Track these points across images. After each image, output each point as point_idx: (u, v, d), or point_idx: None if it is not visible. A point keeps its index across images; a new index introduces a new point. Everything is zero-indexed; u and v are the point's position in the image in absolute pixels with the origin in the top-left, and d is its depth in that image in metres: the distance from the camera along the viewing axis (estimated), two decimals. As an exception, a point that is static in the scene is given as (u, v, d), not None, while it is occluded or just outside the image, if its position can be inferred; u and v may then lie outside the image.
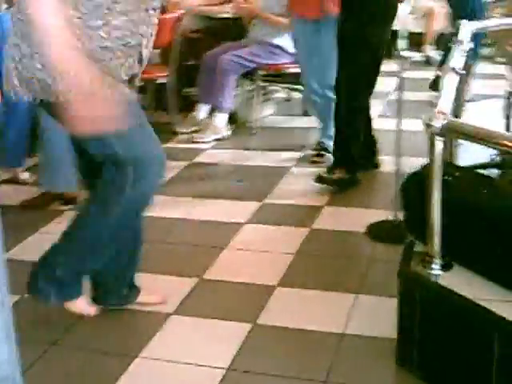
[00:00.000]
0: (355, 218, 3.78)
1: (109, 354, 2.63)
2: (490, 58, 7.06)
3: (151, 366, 2.55)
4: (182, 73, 5.60)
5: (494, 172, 2.86)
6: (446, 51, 5.16)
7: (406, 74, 7.30)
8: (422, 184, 2.45)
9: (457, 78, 2.70)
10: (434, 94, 5.83)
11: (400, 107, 3.57)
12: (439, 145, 2.30)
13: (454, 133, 2.30)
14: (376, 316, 2.83)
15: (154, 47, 5.35)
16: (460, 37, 3.23)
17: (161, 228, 3.72)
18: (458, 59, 2.95)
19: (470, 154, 3.06)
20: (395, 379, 2.50)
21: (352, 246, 3.49)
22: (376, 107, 5.95)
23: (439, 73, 5.67)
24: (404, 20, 7.14)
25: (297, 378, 2.46)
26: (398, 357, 2.53)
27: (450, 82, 2.64)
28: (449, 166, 2.57)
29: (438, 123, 2.28)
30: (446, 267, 2.44)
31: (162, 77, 5.47)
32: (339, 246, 3.51)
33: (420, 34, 7.20)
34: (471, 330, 2.25)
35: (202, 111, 5.48)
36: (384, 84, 6.38)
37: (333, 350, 2.62)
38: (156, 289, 3.02)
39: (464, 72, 2.79)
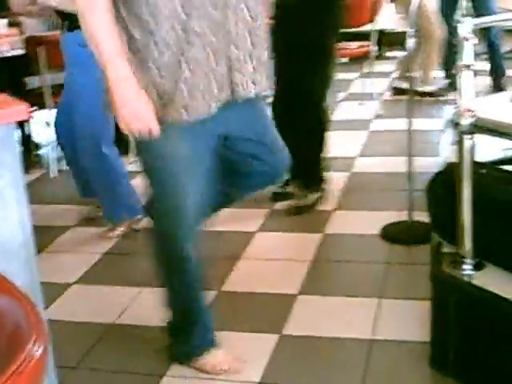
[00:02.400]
0: (367, 221, 3.74)
1: (133, 374, 2.57)
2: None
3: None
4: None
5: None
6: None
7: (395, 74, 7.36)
8: (449, 183, 2.42)
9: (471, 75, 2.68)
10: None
11: (411, 108, 3.51)
12: (468, 143, 2.26)
13: (483, 130, 2.26)
14: (403, 319, 2.79)
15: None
16: (463, 34, 3.21)
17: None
18: (468, 56, 2.94)
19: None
20: (430, 382, 2.46)
21: (368, 249, 3.44)
22: (371, 108, 5.97)
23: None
24: (391, 19, 7.15)
25: (333, 387, 2.42)
26: (432, 360, 2.49)
27: (467, 80, 2.61)
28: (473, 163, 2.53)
29: (465, 121, 2.25)
30: (477, 267, 2.40)
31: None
32: (355, 250, 3.46)
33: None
34: (509, 329, 2.22)
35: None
36: (375, 84, 6.41)
37: (364, 357, 2.57)
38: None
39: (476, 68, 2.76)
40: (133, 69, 2.09)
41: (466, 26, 3.26)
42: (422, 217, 3.47)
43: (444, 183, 2.53)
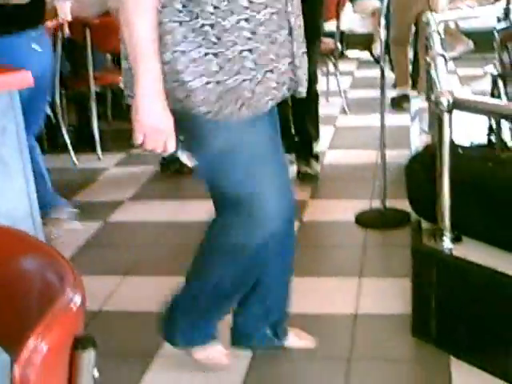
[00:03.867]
0: (341, 209, 3.86)
1: (127, 356, 2.63)
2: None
3: (175, 362, 2.57)
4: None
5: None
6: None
7: (359, 73, 7.54)
8: (427, 163, 2.55)
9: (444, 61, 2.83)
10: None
11: (383, 103, 3.67)
12: (447, 121, 2.39)
13: (461, 108, 2.39)
14: (384, 295, 2.91)
15: (107, 51, 5.43)
16: (433, 28, 3.38)
17: (151, 232, 3.74)
18: (439, 45, 3.10)
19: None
20: (414, 350, 2.58)
21: (345, 235, 3.56)
22: (336, 105, 6.11)
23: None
24: (351, 20, 7.32)
25: (322, 358, 2.52)
26: (414, 330, 2.61)
27: (441, 65, 2.76)
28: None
29: (445, 100, 2.37)
30: (456, 240, 2.52)
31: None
32: (332, 236, 3.59)
33: (369, 34, 7.36)
34: (491, 296, 2.34)
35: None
36: (340, 82, 6.54)
37: (350, 330, 2.68)
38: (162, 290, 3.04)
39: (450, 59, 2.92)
40: (192, 63, 1.99)
41: (434, 21, 3.45)
42: (395, 204, 3.63)
43: (422, 163, 2.66)
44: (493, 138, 2.98)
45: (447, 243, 2.51)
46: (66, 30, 4.92)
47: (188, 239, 3.62)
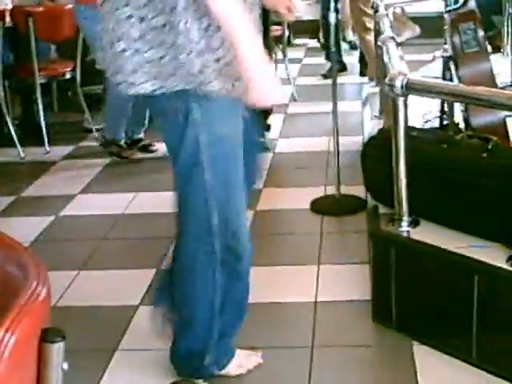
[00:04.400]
0: (296, 197, 3.85)
1: (86, 351, 2.57)
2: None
3: (134, 357, 2.53)
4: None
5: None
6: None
7: (307, 60, 7.55)
8: (382, 147, 2.56)
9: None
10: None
11: (335, 91, 3.66)
12: (402, 103, 2.40)
13: (415, 90, 2.40)
14: (343, 282, 2.91)
15: (51, 41, 5.32)
16: (382, 12, 3.39)
17: (104, 225, 3.68)
18: (389, 29, 3.11)
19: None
20: (376, 335, 2.59)
21: (300, 222, 3.55)
22: (286, 92, 6.11)
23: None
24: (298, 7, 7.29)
25: (285, 347, 2.51)
26: (374, 314, 2.61)
27: (393, 48, 2.77)
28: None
29: (399, 83, 2.38)
30: (413, 224, 2.54)
31: (68, 72, 5.18)
32: (288, 224, 3.57)
33: (316, 21, 7.37)
34: (449, 277, 2.36)
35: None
36: (288, 69, 6.55)
37: (311, 317, 2.68)
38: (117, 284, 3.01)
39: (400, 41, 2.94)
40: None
41: (382, 6, 3.47)
42: (349, 190, 3.63)
43: (377, 147, 2.66)
44: (445, 120, 3.00)
45: (405, 227, 2.52)
46: (8, 19, 4.80)
47: (142, 231, 3.60)
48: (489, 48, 4.09)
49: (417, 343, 2.45)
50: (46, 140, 4.95)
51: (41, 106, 4.94)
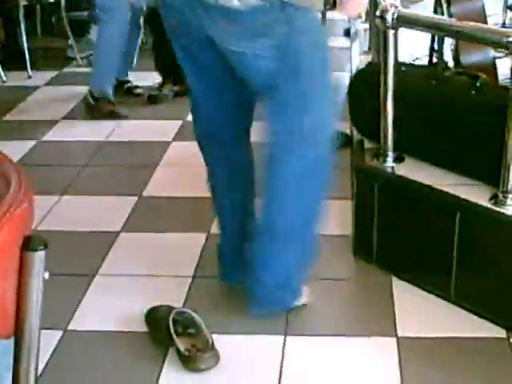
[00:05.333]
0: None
1: (66, 276, 2.57)
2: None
3: (113, 282, 2.53)
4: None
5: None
6: None
7: None
8: (370, 81, 2.52)
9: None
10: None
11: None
12: (393, 38, 2.36)
13: (406, 23, 2.36)
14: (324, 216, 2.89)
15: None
16: None
17: (86, 152, 3.66)
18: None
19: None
20: (355, 269, 2.61)
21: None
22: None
23: None
24: None
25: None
26: (356, 249, 2.63)
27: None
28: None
29: (390, 15, 2.34)
30: (398, 159, 2.53)
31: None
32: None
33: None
34: (431, 214, 2.37)
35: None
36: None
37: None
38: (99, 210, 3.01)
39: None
40: None
41: None
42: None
43: (365, 81, 2.63)
44: (434, 58, 2.97)
45: (390, 162, 2.51)
46: None
47: (124, 159, 3.58)
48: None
49: (396, 279, 2.48)
50: (28, 65, 4.87)
51: (23, 31, 4.85)
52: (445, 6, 3.00)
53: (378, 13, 2.37)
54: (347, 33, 5.50)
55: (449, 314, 2.31)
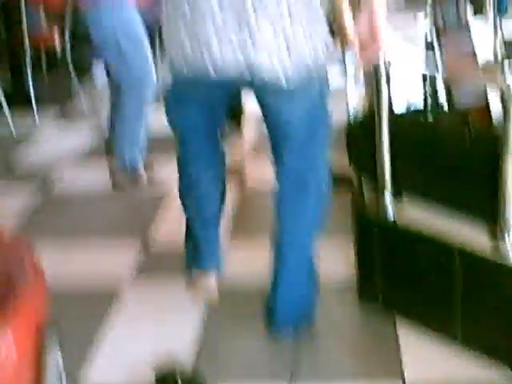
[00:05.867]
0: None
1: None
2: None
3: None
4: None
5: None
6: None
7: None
8: (366, 123, 2.58)
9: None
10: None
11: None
12: (385, 84, 2.43)
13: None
14: (326, 259, 2.79)
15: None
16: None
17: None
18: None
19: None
20: (360, 312, 2.65)
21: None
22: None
23: None
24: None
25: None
26: (360, 291, 2.67)
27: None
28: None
29: (383, 69, 2.41)
30: (397, 199, 2.56)
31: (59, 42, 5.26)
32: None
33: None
34: (432, 257, 2.41)
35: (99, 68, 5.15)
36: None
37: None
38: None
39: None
40: None
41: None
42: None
43: (362, 124, 2.67)
44: (428, 100, 3.02)
45: (388, 203, 2.54)
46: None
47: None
48: (471, 11, 4.09)
49: (401, 321, 2.51)
50: (35, 110, 4.98)
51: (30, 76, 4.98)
52: (436, 45, 3.04)
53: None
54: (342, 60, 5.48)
55: (456, 356, 2.33)
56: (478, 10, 5.73)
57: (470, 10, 4.13)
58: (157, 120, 3.34)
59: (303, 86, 2.26)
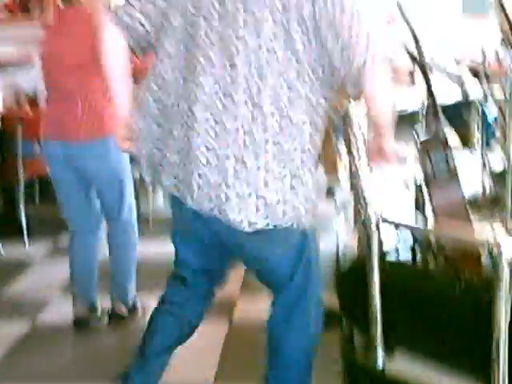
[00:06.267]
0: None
1: None
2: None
3: None
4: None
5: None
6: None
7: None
8: (358, 271, 2.58)
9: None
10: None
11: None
12: (376, 238, 2.44)
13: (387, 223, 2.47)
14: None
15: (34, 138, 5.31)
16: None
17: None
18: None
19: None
20: None
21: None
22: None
23: None
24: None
25: None
26: None
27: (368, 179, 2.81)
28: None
29: (374, 219, 2.43)
30: (388, 354, 2.54)
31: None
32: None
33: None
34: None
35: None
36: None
37: None
38: None
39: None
40: None
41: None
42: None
43: (353, 271, 2.68)
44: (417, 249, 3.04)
45: (379, 357, 2.52)
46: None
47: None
48: (458, 142, 4.17)
49: None
50: (26, 237, 4.98)
51: (22, 203, 5.00)
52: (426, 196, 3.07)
53: (361, 215, 2.47)
54: (329, 192, 5.53)
55: None
56: (465, 143, 5.85)
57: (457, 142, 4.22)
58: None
59: (277, 235, 2.25)
